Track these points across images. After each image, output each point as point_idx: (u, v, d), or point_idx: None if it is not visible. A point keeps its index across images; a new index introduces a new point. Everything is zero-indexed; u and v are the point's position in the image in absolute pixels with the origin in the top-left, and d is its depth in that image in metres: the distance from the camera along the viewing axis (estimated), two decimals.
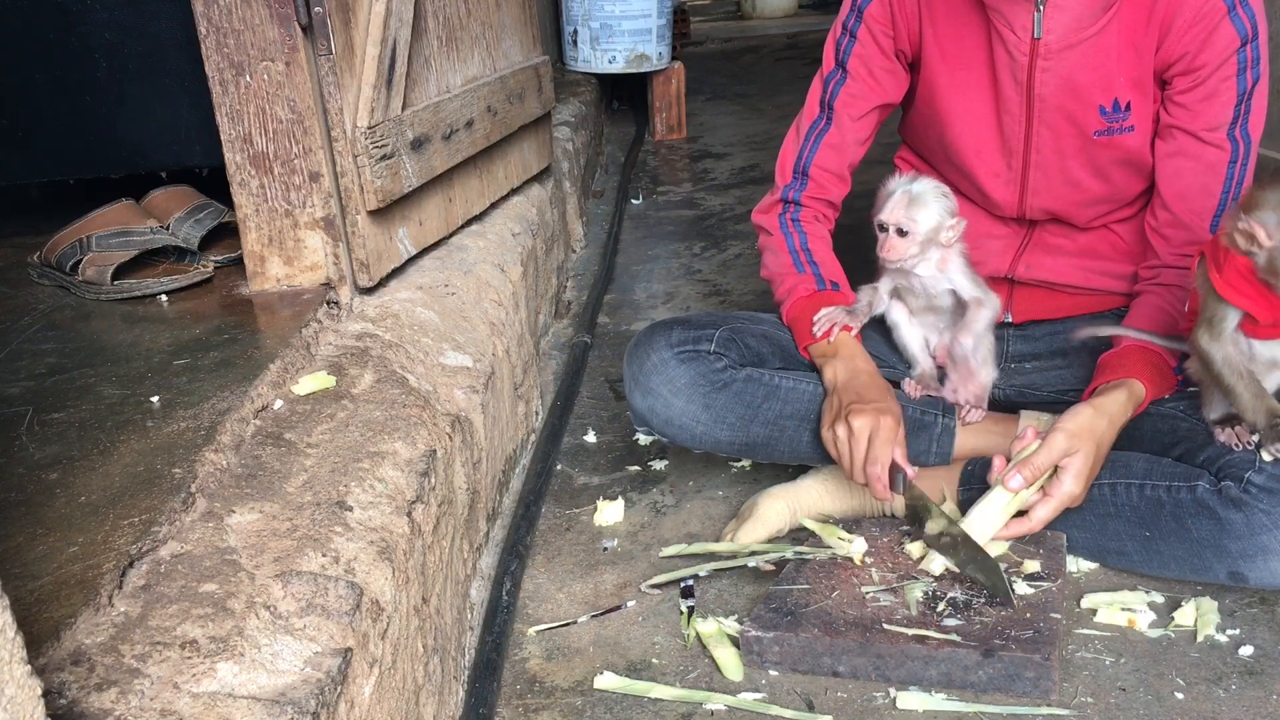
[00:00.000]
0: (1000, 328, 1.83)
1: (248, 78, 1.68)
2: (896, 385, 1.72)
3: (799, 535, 1.69)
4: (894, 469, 1.54)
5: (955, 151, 1.74)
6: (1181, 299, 1.60)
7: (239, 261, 1.85)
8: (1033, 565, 1.50)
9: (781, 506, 1.70)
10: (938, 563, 1.51)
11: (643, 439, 2.01)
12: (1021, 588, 1.46)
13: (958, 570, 1.49)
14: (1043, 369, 1.78)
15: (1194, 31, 1.54)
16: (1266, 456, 1.44)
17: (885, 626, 1.40)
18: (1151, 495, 1.49)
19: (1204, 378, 1.49)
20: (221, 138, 1.73)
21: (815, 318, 1.69)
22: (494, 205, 2.37)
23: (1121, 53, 1.59)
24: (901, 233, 1.61)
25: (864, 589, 1.49)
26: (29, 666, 0.73)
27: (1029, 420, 1.71)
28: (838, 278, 1.76)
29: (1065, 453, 1.47)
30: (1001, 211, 1.76)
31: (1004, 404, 1.78)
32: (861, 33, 1.73)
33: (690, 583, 1.61)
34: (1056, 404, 1.72)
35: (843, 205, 1.85)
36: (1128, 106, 1.61)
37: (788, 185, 1.82)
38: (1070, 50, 1.59)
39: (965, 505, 1.67)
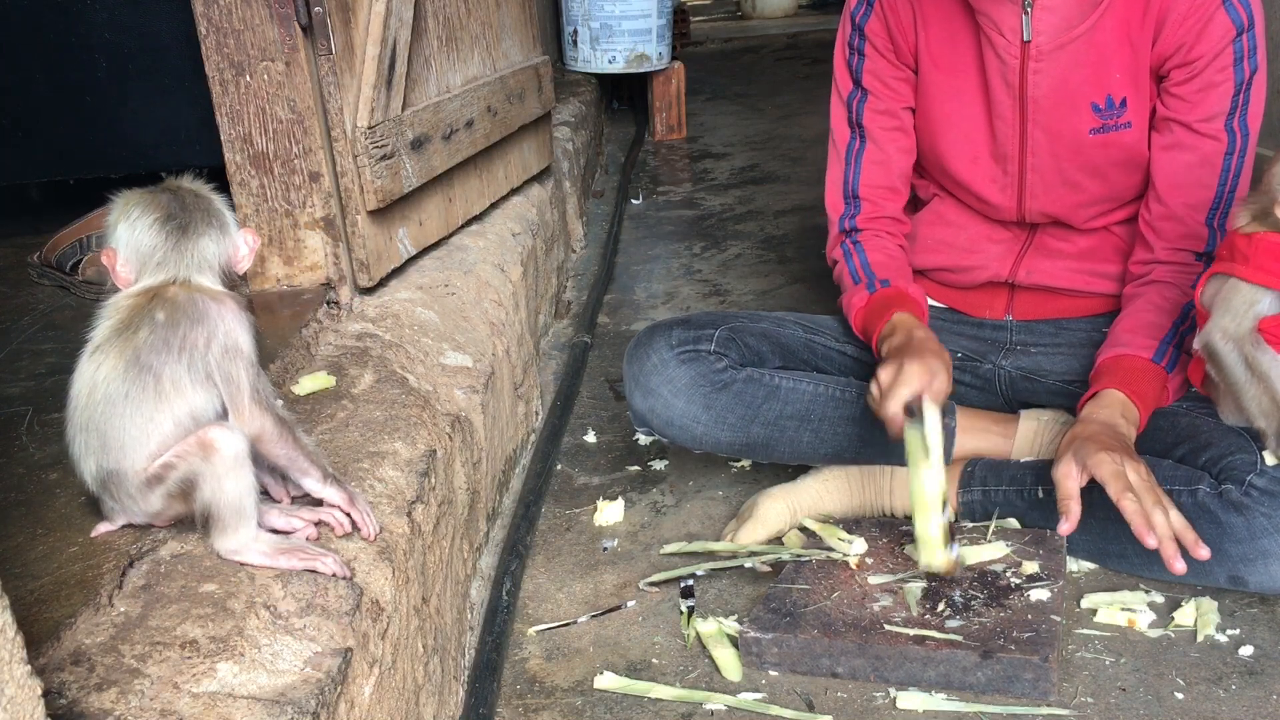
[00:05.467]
0: (1003, 322, 1.83)
1: (248, 78, 1.68)
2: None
3: (801, 534, 1.68)
4: (913, 409, 1.47)
5: (950, 158, 1.74)
6: (1175, 296, 1.59)
7: None
8: (1032, 566, 1.50)
9: (781, 507, 1.70)
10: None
11: (643, 439, 2.01)
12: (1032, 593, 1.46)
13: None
14: (1047, 352, 1.78)
15: (1189, 23, 1.54)
16: (1270, 460, 1.43)
17: (884, 628, 1.40)
18: None
19: (1216, 380, 1.47)
20: (221, 137, 1.73)
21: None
22: (494, 205, 2.37)
23: (1117, 48, 1.59)
24: None
25: (863, 590, 1.49)
26: (29, 666, 0.73)
27: (1029, 420, 1.71)
28: (890, 273, 1.73)
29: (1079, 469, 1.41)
30: (1001, 216, 1.76)
31: (1007, 391, 1.78)
32: (867, 49, 1.74)
33: (690, 583, 1.61)
34: (1059, 396, 1.72)
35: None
36: (1123, 103, 1.61)
37: (842, 215, 1.81)
38: (1061, 50, 1.59)
39: (965, 507, 1.67)
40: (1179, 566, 1.35)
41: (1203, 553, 1.35)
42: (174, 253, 1.11)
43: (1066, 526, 1.40)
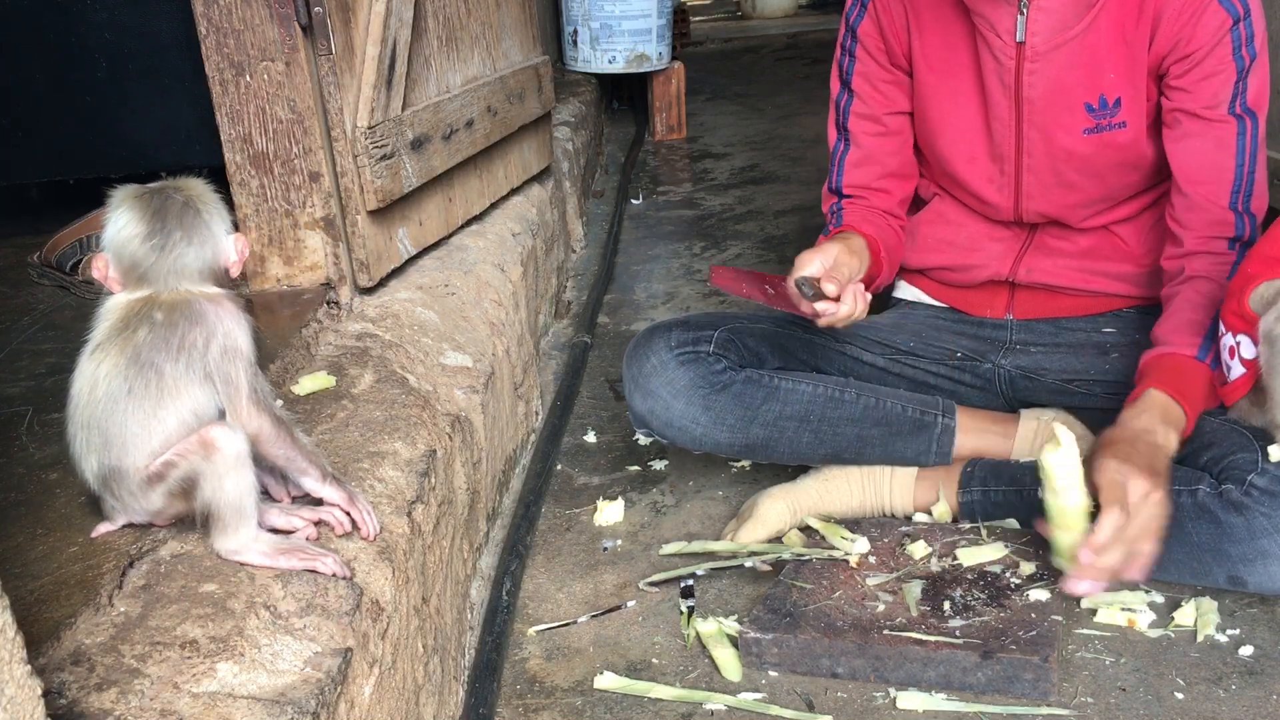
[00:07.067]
0: (1004, 321, 1.83)
1: (248, 78, 1.68)
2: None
3: (801, 534, 1.68)
4: (801, 284, 1.52)
5: (948, 159, 1.74)
6: (1212, 291, 1.55)
7: None
8: (1031, 566, 1.50)
9: (781, 507, 1.70)
10: None
11: (643, 439, 2.01)
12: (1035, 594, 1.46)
13: None
14: (1047, 352, 1.78)
15: (1183, 18, 1.54)
16: (1275, 455, 1.43)
17: (884, 628, 1.40)
18: None
19: (1264, 366, 1.43)
20: (221, 137, 1.73)
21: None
22: (494, 205, 2.37)
23: (1111, 48, 1.59)
24: None
25: (863, 590, 1.49)
26: (29, 666, 0.73)
27: (1030, 420, 1.71)
28: (853, 220, 1.75)
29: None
30: (999, 216, 1.77)
31: (1007, 391, 1.78)
32: (859, 51, 1.75)
33: (690, 583, 1.61)
34: (1059, 395, 1.72)
35: None
36: (1117, 103, 1.61)
37: (831, 208, 1.84)
38: (1056, 51, 1.60)
39: (965, 507, 1.67)
40: (1075, 588, 1.39)
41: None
42: (153, 269, 1.11)
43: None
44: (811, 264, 1.54)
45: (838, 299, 1.52)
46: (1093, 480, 1.38)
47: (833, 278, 1.53)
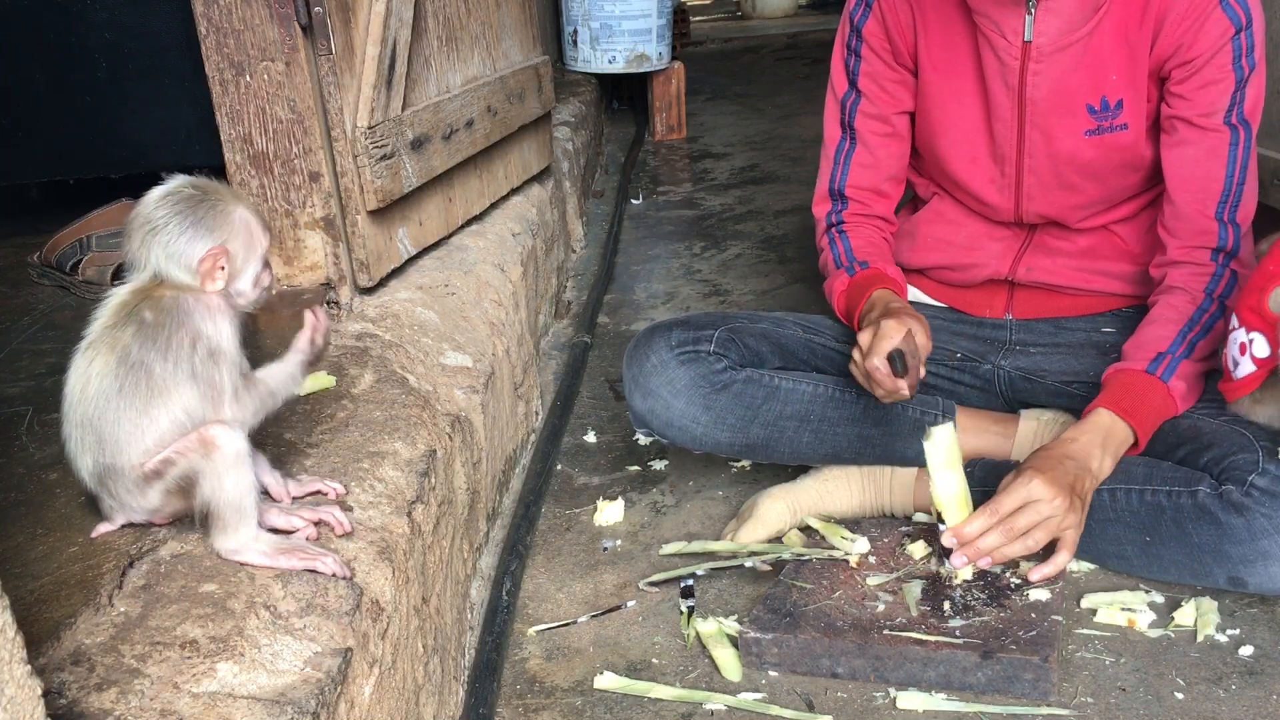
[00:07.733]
0: (1003, 321, 1.83)
1: (248, 78, 1.68)
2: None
3: (801, 534, 1.68)
4: (895, 357, 1.51)
5: (948, 160, 1.74)
6: (1183, 303, 1.58)
7: None
8: (1029, 566, 1.50)
9: (781, 507, 1.70)
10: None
11: (643, 439, 2.01)
12: (1035, 593, 1.46)
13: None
14: (1046, 352, 1.78)
15: (1186, 23, 1.54)
16: None
17: (884, 628, 1.40)
18: (1152, 501, 1.49)
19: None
20: (221, 137, 1.73)
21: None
22: (494, 205, 2.37)
23: (1114, 50, 1.59)
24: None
25: (863, 590, 1.49)
26: (29, 666, 0.73)
27: (1029, 420, 1.71)
28: (870, 256, 1.75)
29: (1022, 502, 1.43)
30: (999, 217, 1.77)
31: (1007, 392, 1.78)
32: (864, 50, 1.75)
33: (690, 583, 1.61)
34: (1059, 396, 1.72)
35: None
36: (1119, 105, 1.61)
37: (829, 212, 1.83)
38: (1061, 52, 1.60)
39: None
40: (951, 550, 1.46)
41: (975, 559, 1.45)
42: (128, 244, 1.12)
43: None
44: (899, 335, 1.51)
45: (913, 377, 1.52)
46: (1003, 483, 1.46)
47: (915, 356, 1.52)
